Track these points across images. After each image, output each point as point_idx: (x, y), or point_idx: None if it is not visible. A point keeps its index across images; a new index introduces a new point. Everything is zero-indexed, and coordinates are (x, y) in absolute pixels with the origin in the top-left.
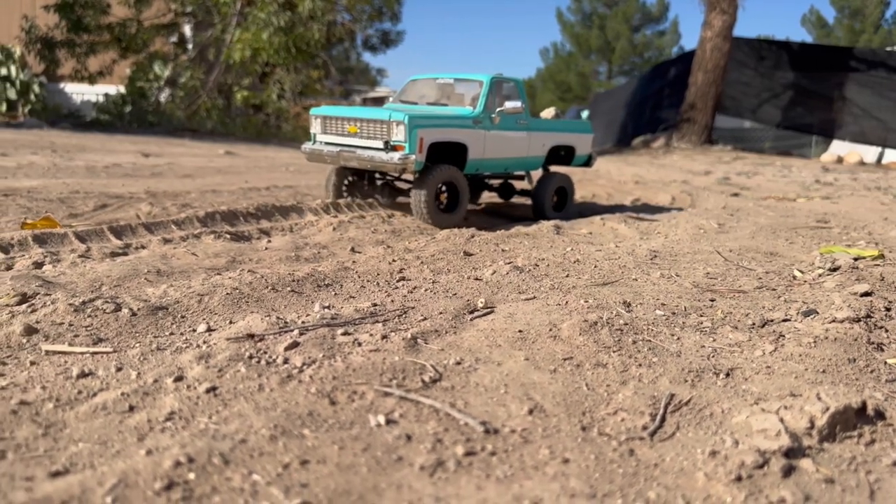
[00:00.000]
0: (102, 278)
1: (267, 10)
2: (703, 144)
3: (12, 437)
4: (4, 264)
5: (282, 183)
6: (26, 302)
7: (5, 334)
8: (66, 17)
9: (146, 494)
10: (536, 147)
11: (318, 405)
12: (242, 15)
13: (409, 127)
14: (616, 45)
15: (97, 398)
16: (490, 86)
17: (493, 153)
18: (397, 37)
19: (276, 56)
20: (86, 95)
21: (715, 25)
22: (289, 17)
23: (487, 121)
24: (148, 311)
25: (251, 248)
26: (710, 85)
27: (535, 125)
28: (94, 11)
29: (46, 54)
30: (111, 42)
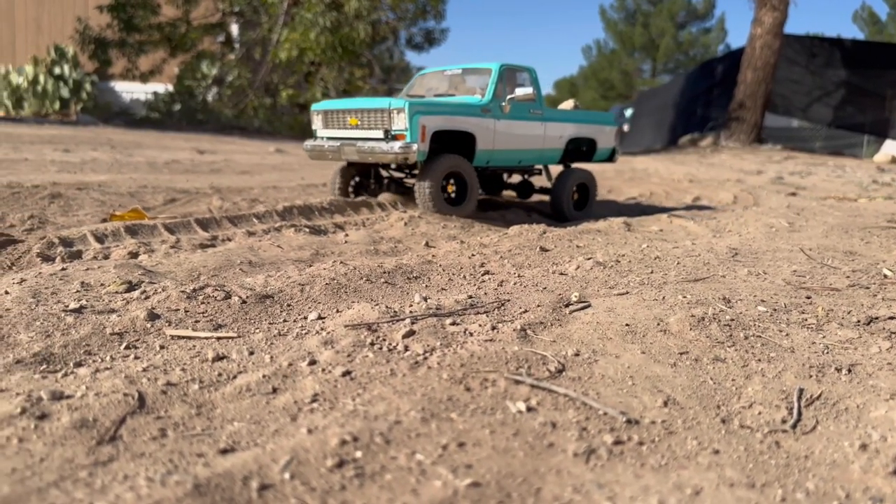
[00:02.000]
0: (199, 268)
1: (314, 10)
2: (752, 144)
3: (168, 416)
4: (101, 254)
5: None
6: (133, 290)
7: (130, 319)
8: (119, 17)
9: (320, 471)
10: (553, 139)
11: (453, 391)
12: (289, 15)
13: (409, 114)
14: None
15: (238, 380)
16: (499, 73)
17: (504, 144)
18: (441, 35)
19: (323, 55)
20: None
21: (765, 22)
22: (335, 17)
23: (497, 110)
24: (256, 299)
25: (331, 242)
26: (760, 83)
27: (550, 115)
28: (144, 11)
29: (99, 54)
30: (161, 41)
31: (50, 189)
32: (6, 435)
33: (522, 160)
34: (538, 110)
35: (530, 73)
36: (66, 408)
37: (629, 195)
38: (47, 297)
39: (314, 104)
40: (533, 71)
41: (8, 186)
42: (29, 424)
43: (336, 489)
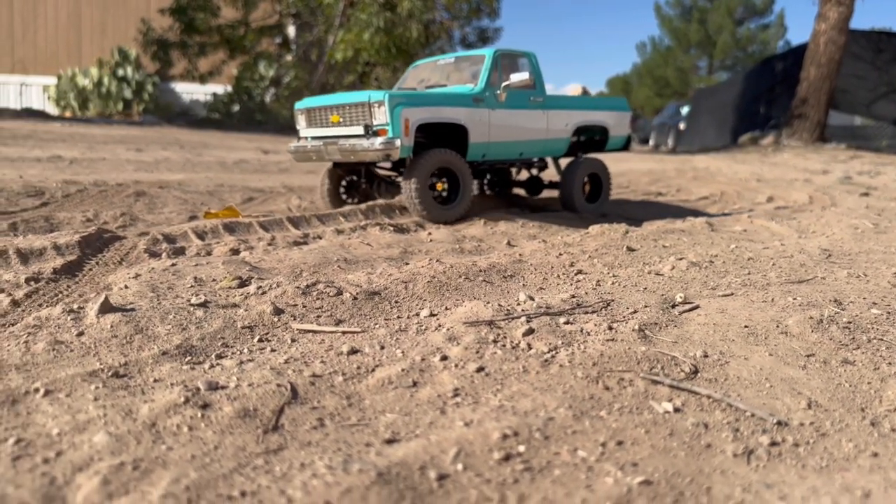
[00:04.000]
0: (300, 265)
1: (368, 10)
2: (814, 142)
3: (322, 406)
4: (204, 250)
5: None
6: (245, 285)
7: (258, 313)
8: (180, 20)
9: (488, 463)
10: (557, 127)
11: (592, 389)
12: (345, 16)
13: (390, 106)
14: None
15: (377, 373)
16: (493, 60)
17: (501, 135)
18: (494, 33)
19: (377, 55)
20: (194, 95)
21: (830, 18)
22: (388, 17)
23: (491, 99)
24: (365, 295)
25: (416, 240)
26: (824, 80)
27: (553, 102)
28: (205, 13)
29: (161, 55)
30: (220, 43)
31: (133, 188)
32: (176, 423)
33: (525, 153)
34: (539, 97)
35: (529, 58)
36: (226, 398)
37: (699, 195)
38: (165, 291)
39: (297, 103)
40: (532, 56)
41: (95, 185)
42: (195, 413)
43: (510, 482)
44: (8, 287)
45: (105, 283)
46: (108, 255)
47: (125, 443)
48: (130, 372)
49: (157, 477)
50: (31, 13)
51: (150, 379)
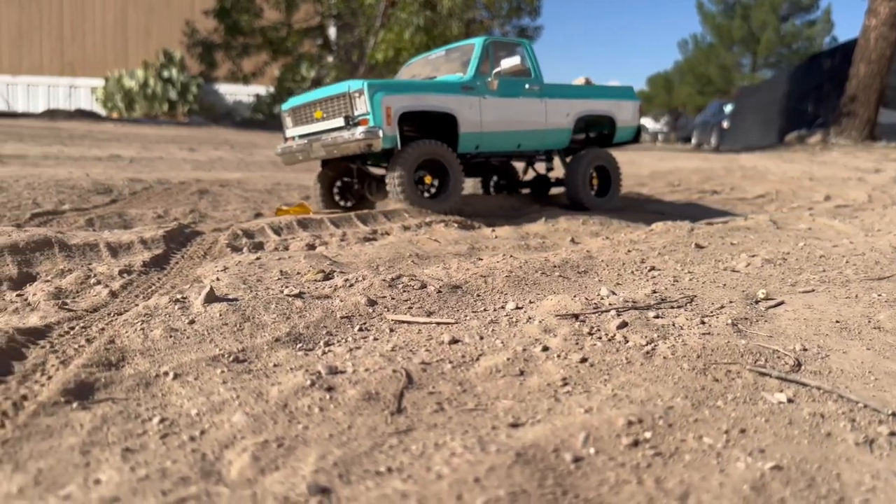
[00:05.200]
0: (376, 259)
1: (408, 9)
2: (864, 141)
3: (439, 391)
4: (281, 245)
5: None
6: (329, 279)
7: (353, 304)
8: (224, 22)
9: (618, 448)
10: (557, 117)
11: (702, 381)
12: (386, 16)
13: (369, 94)
14: (762, 35)
15: (482, 362)
16: (483, 48)
17: (496, 126)
18: (535, 32)
19: (417, 54)
20: (237, 96)
21: (881, 13)
22: (429, 16)
23: (482, 87)
24: (448, 289)
25: (481, 237)
26: (874, 77)
27: (552, 91)
28: (248, 15)
29: (206, 57)
30: (262, 44)
31: (195, 186)
32: (306, 404)
33: (523, 144)
34: (535, 86)
35: (524, 46)
36: (347, 382)
37: (755, 193)
38: (255, 283)
39: (283, 104)
40: (526, 44)
41: (159, 183)
42: (323, 395)
43: (643, 465)
44: (104, 279)
45: (194, 275)
46: (192, 249)
47: (263, 423)
48: (249, 357)
49: (301, 454)
50: (79, 17)
51: (269, 364)
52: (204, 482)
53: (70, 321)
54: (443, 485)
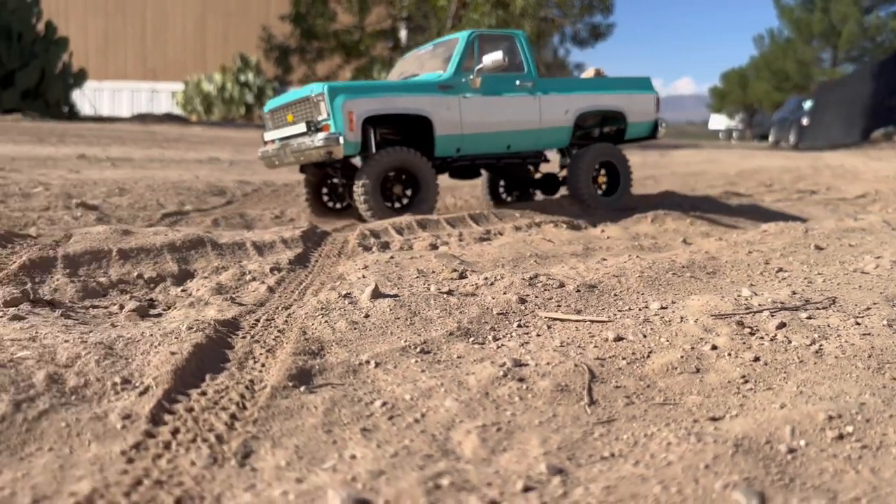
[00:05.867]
0: (499, 259)
1: (480, 10)
2: None
3: (623, 386)
4: (406, 244)
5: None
6: (463, 277)
7: (505, 301)
8: (300, 26)
9: (825, 441)
10: (554, 114)
11: (881, 379)
12: (457, 17)
13: (329, 98)
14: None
15: (655, 359)
16: (467, 43)
17: (478, 127)
18: (607, 29)
19: None
20: None
21: None
22: (501, 16)
23: (463, 85)
24: (585, 288)
25: (592, 237)
26: None
27: (547, 86)
28: (323, 20)
29: (282, 61)
30: (336, 48)
31: (299, 188)
32: (506, 393)
33: (514, 145)
34: (527, 81)
35: (517, 38)
36: (535, 374)
37: (854, 193)
38: (397, 280)
39: (265, 106)
40: (519, 36)
41: (265, 185)
42: (518, 386)
43: (854, 457)
44: (258, 276)
45: (336, 273)
46: (326, 248)
47: (473, 408)
48: (432, 349)
49: (522, 438)
50: (161, 24)
51: (453, 355)
52: (446, 460)
53: (247, 314)
54: (676, 469)
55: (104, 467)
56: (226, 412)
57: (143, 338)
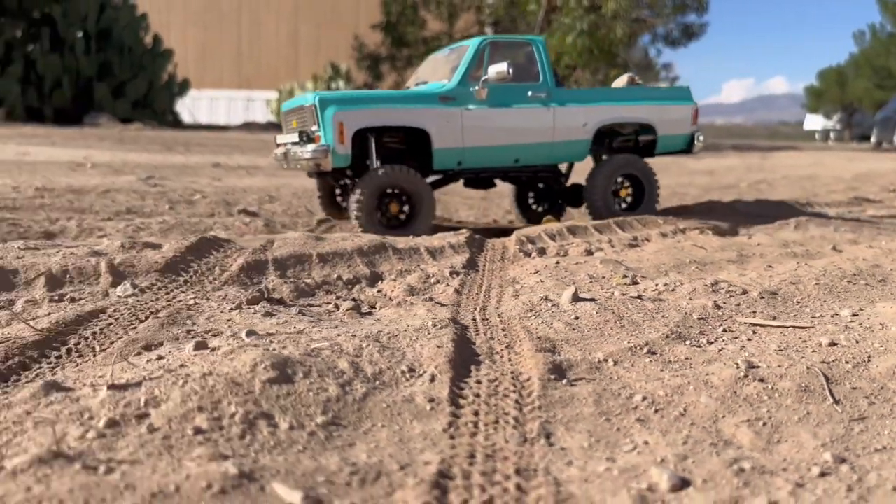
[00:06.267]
0: (660, 265)
1: (572, 14)
2: None
3: (859, 387)
4: (562, 250)
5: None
6: (636, 283)
7: (701, 306)
8: (390, 35)
9: None
10: (571, 127)
11: None
12: (546, 21)
13: (320, 109)
14: None
15: (878, 363)
16: (477, 51)
17: (482, 139)
18: (700, 29)
19: (579, 58)
20: None
21: None
22: (592, 19)
23: (467, 96)
24: (767, 295)
25: (742, 243)
26: None
27: (564, 97)
28: (413, 27)
29: (373, 69)
30: (425, 55)
31: None
32: (753, 392)
33: (522, 159)
34: (541, 92)
35: (535, 45)
36: (773, 375)
37: None
38: (570, 284)
39: (282, 105)
40: (537, 43)
41: None
42: (764, 386)
43: None
44: (441, 278)
45: (508, 276)
46: (489, 253)
47: (729, 405)
48: (656, 350)
49: (790, 431)
50: (256, 35)
51: (680, 356)
52: (732, 448)
53: (456, 314)
54: None
55: (435, 442)
56: (508, 399)
57: (399, 333)
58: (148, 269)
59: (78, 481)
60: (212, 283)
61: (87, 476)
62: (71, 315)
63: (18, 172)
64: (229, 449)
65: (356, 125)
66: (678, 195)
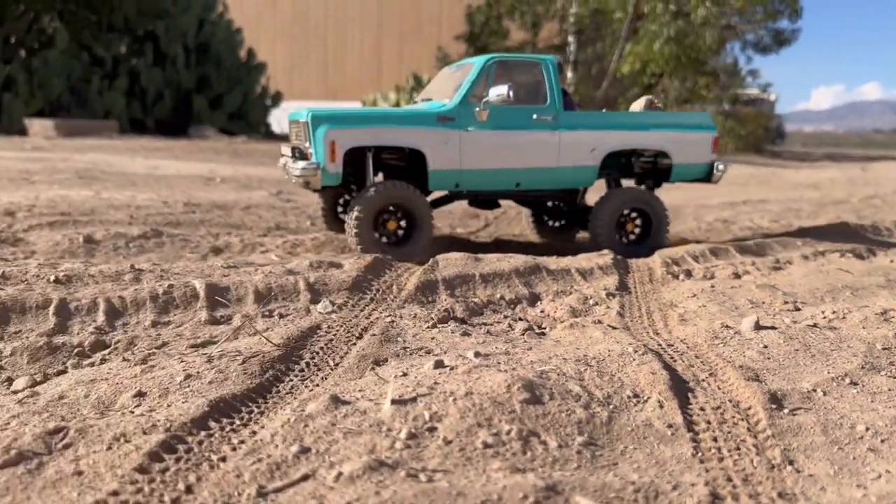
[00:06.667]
0: (813, 289)
1: (659, 20)
2: None
3: None
4: (707, 273)
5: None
6: (798, 309)
7: (882, 335)
8: (474, 45)
9: None
10: (576, 153)
11: None
12: (631, 29)
13: (312, 126)
14: None
15: None
16: (481, 70)
17: (481, 162)
18: (792, 35)
19: (666, 66)
20: None
21: None
22: (681, 26)
23: (467, 117)
24: None
25: (885, 267)
26: None
27: (571, 121)
28: (496, 38)
29: None
30: None
31: None
32: None
33: (524, 183)
34: (547, 115)
35: (544, 65)
36: None
37: None
38: (730, 309)
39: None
40: (547, 63)
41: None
42: None
43: None
44: (598, 300)
45: (661, 299)
46: (636, 274)
47: None
48: (857, 381)
49: None
50: (341, 46)
51: (883, 387)
52: None
53: (633, 338)
54: None
55: (689, 465)
56: (739, 427)
57: (605, 357)
58: (338, 287)
59: (415, 487)
60: (394, 300)
61: (416, 483)
62: (294, 331)
63: (158, 187)
64: (519, 463)
65: (348, 144)
66: (792, 211)
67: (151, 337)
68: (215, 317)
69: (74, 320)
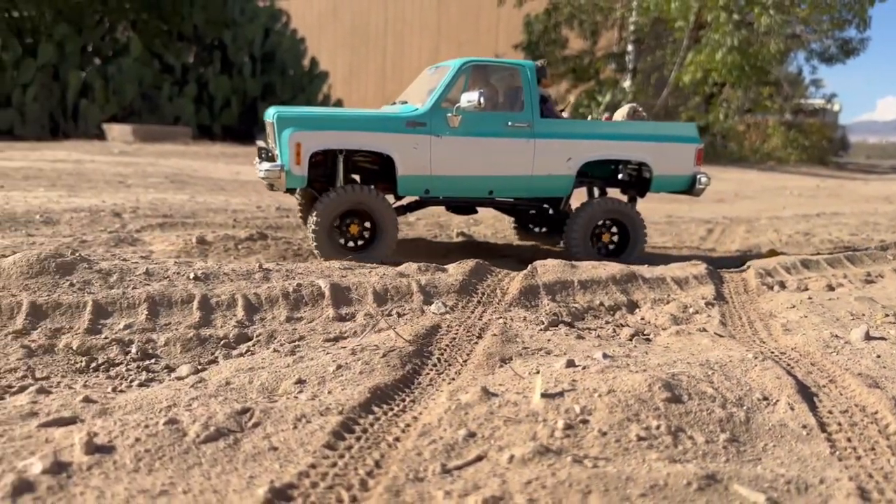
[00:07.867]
0: None
1: (722, 29)
2: None
3: None
4: (801, 284)
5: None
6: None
7: None
8: (531, 54)
9: None
10: (551, 162)
11: None
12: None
13: (278, 128)
14: None
15: None
16: (455, 74)
17: (452, 169)
18: (860, 44)
19: (728, 75)
20: None
21: None
22: (744, 35)
23: (439, 123)
24: None
25: None
26: None
27: (547, 129)
28: (554, 46)
29: None
30: (566, 73)
31: None
32: None
33: (497, 191)
34: (522, 123)
35: (521, 71)
36: None
37: None
38: (832, 321)
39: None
40: (525, 69)
41: None
42: None
43: None
44: (697, 308)
45: (760, 309)
46: (731, 284)
47: None
48: None
49: None
50: (399, 55)
51: None
52: None
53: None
54: None
55: (829, 462)
56: (869, 429)
57: (727, 363)
58: (447, 289)
59: (585, 471)
60: (499, 303)
61: (584, 468)
62: (419, 329)
63: (245, 192)
64: (674, 454)
65: (314, 147)
66: (870, 224)
67: (288, 331)
68: (341, 314)
69: (216, 314)
